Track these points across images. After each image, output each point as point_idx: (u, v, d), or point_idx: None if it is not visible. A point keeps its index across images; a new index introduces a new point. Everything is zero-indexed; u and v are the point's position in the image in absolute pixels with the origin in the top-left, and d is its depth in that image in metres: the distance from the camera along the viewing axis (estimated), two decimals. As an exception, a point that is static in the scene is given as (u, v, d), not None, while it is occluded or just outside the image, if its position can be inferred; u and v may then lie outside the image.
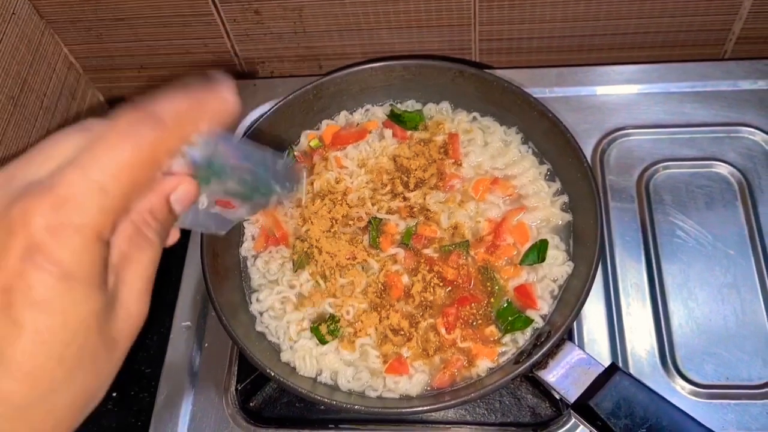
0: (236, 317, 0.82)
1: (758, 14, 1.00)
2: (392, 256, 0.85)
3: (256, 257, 0.89)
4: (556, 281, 0.82)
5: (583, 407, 0.70)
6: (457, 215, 0.86)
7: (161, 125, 0.36)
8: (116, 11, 1.04)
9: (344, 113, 0.97)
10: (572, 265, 0.83)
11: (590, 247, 0.79)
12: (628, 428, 0.67)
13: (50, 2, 1.03)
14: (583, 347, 0.81)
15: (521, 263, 0.83)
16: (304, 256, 0.86)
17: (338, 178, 0.91)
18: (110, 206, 0.35)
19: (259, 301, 0.85)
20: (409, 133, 0.94)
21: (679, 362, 0.82)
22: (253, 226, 0.90)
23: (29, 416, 0.34)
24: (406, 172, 0.91)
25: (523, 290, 0.82)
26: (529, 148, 0.92)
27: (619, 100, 1.01)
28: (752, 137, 0.96)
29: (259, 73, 1.17)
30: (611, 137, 0.98)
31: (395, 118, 0.95)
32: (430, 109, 0.96)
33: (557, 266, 0.83)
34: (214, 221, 0.46)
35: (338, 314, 0.81)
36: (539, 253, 0.83)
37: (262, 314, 0.85)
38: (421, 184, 0.90)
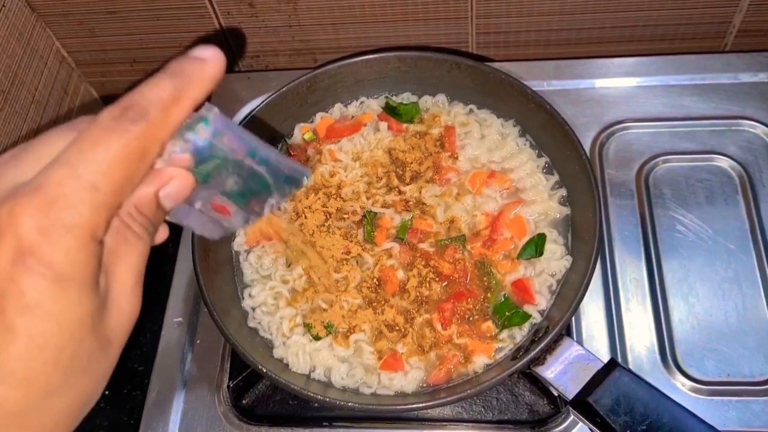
0: (228, 313, 0.80)
1: (759, 6, 0.99)
2: (387, 250, 0.83)
3: (248, 252, 0.87)
4: (554, 276, 0.81)
5: (581, 404, 0.69)
6: (453, 209, 0.85)
7: (146, 116, 0.35)
8: (108, 4, 1.03)
9: (339, 106, 0.96)
10: (570, 259, 0.82)
11: (589, 241, 0.78)
12: (627, 425, 0.66)
13: (41, -6, 1.02)
14: (581, 343, 0.80)
15: (518, 258, 0.82)
16: (297, 250, 0.84)
17: (332, 171, 0.89)
18: (102, 204, 0.34)
19: (251, 296, 0.84)
20: (404, 125, 0.93)
21: (679, 358, 0.80)
22: (245, 220, 0.89)
23: (25, 422, 0.34)
24: (401, 165, 0.89)
25: (520, 285, 0.80)
26: (526, 140, 0.91)
27: (618, 93, 1.00)
28: (753, 130, 0.95)
29: (253, 67, 1.16)
30: (610, 131, 0.97)
31: (391, 110, 0.94)
32: (426, 101, 0.95)
33: (555, 261, 0.82)
34: (206, 224, 0.44)
35: (332, 321, 0.80)
36: (537, 247, 0.82)
37: (254, 310, 0.83)
38: (416, 177, 0.88)
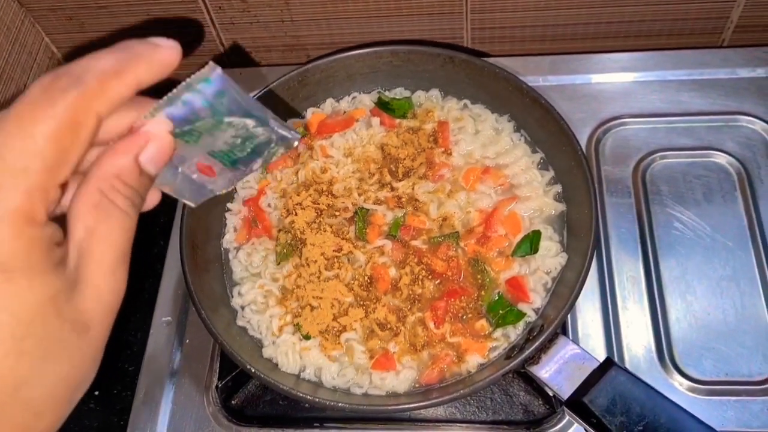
0: (217, 312, 0.79)
1: (757, 1, 0.98)
2: (379, 247, 0.82)
3: (238, 249, 0.86)
4: (549, 273, 0.80)
5: (577, 404, 0.68)
6: (446, 205, 0.84)
7: (79, 84, 0.33)
8: (98, -2, 1.02)
9: (330, 101, 0.94)
10: (566, 256, 0.80)
11: (584, 238, 0.76)
12: (624, 426, 0.65)
13: (29, -12, 1.01)
14: (577, 342, 0.79)
15: (513, 255, 0.81)
16: (288, 248, 0.83)
17: (324, 167, 0.88)
18: (36, 185, 0.32)
19: (240, 294, 0.83)
20: (397, 121, 0.92)
21: (676, 358, 0.80)
22: (235, 216, 0.88)
23: (2, 414, 0.33)
24: (394, 161, 0.88)
25: (515, 283, 0.79)
26: (521, 136, 0.89)
27: (614, 88, 0.99)
28: (751, 126, 0.94)
29: (245, 63, 1.14)
30: (606, 126, 0.96)
31: (383, 105, 0.92)
32: (419, 96, 0.94)
33: (550, 258, 0.80)
34: (189, 188, 0.43)
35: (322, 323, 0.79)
36: (532, 244, 0.81)
37: (243, 308, 0.82)
38: (409, 173, 0.87)
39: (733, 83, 0.97)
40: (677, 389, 0.77)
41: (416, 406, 0.71)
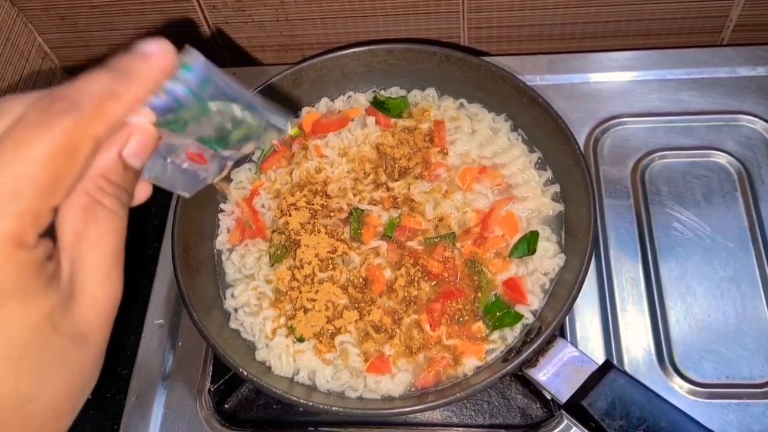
0: (209, 314, 0.78)
1: (756, 0, 0.97)
2: (374, 248, 0.81)
3: (231, 251, 0.85)
4: (547, 275, 0.79)
5: (575, 407, 0.67)
6: (442, 206, 0.83)
7: (76, 108, 0.33)
8: (91, -2, 1.01)
9: (325, 100, 0.94)
10: (564, 257, 0.80)
11: (583, 238, 0.76)
12: (623, 429, 0.65)
13: (21, -13, 1.00)
14: (575, 344, 0.78)
15: (510, 256, 0.80)
16: (281, 249, 0.82)
17: (318, 167, 0.87)
18: (27, 210, 0.32)
19: (233, 296, 0.82)
20: (393, 120, 0.91)
21: (676, 360, 0.79)
22: (228, 217, 0.87)
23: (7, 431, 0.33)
24: (389, 161, 0.87)
25: (512, 284, 0.78)
26: (518, 135, 0.88)
27: (613, 87, 0.99)
28: (751, 125, 0.93)
29: (240, 63, 1.13)
30: (605, 126, 0.95)
31: (379, 105, 0.91)
32: (415, 95, 0.93)
33: (548, 259, 0.80)
34: (181, 178, 0.43)
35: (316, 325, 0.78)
36: (529, 245, 0.80)
37: (236, 311, 0.81)
38: (405, 173, 0.86)
39: (733, 82, 0.96)
40: (677, 392, 0.76)
41: (412, 409, 0.70)
